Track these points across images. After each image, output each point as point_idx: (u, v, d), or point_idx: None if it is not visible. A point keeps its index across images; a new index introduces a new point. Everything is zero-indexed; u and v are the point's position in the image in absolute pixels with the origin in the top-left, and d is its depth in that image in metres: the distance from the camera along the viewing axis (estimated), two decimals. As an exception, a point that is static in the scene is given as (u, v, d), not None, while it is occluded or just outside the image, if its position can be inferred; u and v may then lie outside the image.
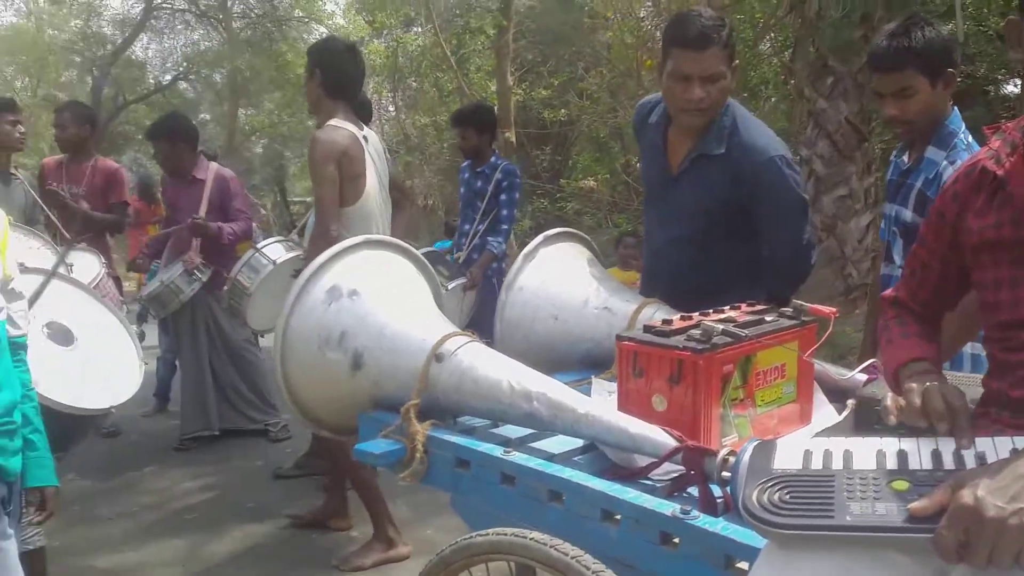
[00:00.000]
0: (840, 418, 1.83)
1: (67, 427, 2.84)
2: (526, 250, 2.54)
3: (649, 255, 2.76)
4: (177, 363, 5.11)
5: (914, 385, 1.30)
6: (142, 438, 4.99)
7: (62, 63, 19.52)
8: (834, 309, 1.98)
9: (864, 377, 1.94)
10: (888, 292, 1.65)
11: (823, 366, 2.12)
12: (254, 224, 5.20)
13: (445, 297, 3.98)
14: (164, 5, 18.55)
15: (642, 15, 10.85)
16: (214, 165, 4.78)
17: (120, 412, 3.46)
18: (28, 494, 1.92)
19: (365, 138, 3.22)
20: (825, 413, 2.03)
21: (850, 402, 1.65)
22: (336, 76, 3.16)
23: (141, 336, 5.44)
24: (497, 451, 1.73)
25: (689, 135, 2.43)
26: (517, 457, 1.69)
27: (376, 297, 2.04)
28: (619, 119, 10.74)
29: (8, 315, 1.89)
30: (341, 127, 3.13)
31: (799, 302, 2.00)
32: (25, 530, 2.48)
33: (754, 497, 1.16)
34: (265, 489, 4.11)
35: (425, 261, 2.34)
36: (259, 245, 4.04)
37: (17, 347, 1.93)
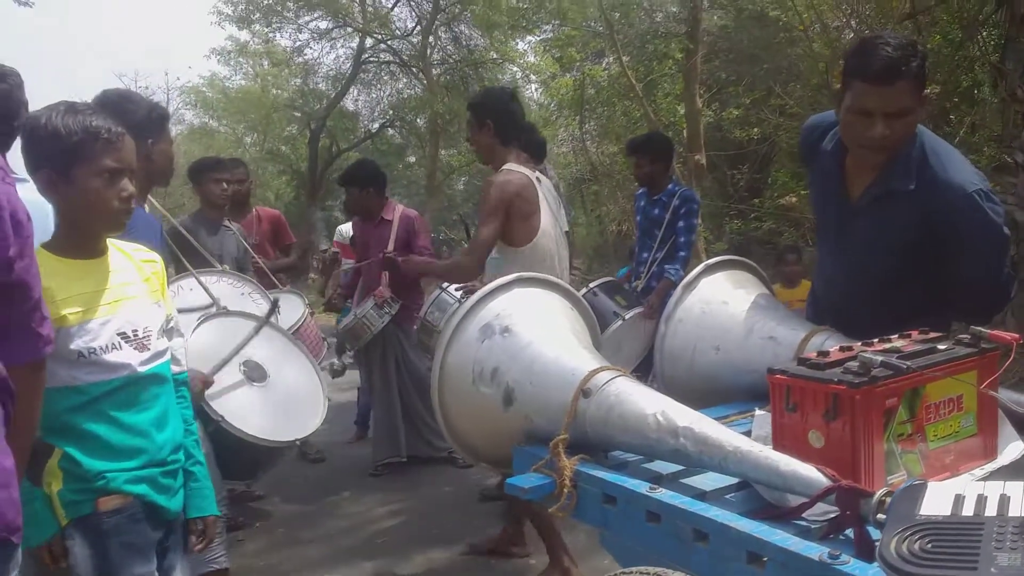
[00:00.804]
0: (1018, 455, 1.67)
1: (257, 456, 3.10)
2: (686, 280, 2.50)
3: (822, 286, 2.60)
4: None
5: None
6: (343, 464, 5.33)
7: (284, 119, 21.36)
8: (1018, 336, 1.79)
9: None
10: None
11: (1010, 396, 1.92)
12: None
13: (623, 327, 4.01)
14: (371, 59, 19.88)
15: (835, 24, 10.33)
16: (400, 206, 5.09)
17: (325, 439, 3.74)
18: (191, 524, 2.05)
19: (538, 179, 3.32)
20: (1015, 448, 1.84)
21: (1031, 438, 1.50)
22: (506, 123, 3.30)
23: (342, 368, 5.82)
24: (643, 487, 1.70)
25: (871, 166, 2.25)
26: (663, 494, 1.66)
27: (527, 334, 2.08)
28: (821, 133, 10.25)
29: (172, 353, 2.04)
30: (515, 171, 3.25)
31: (978, 328, 1.83)
32: (214, 550, 2.73)
33: (892, 546, 1.08)
34: (449, 515, 4.27)
35: (579, 297, 2.36)
36: (444, 284, 4.21)
37: (179, 384, 2.07)
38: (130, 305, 1.90)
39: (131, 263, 1.97)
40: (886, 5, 8.84)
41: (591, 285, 4.13)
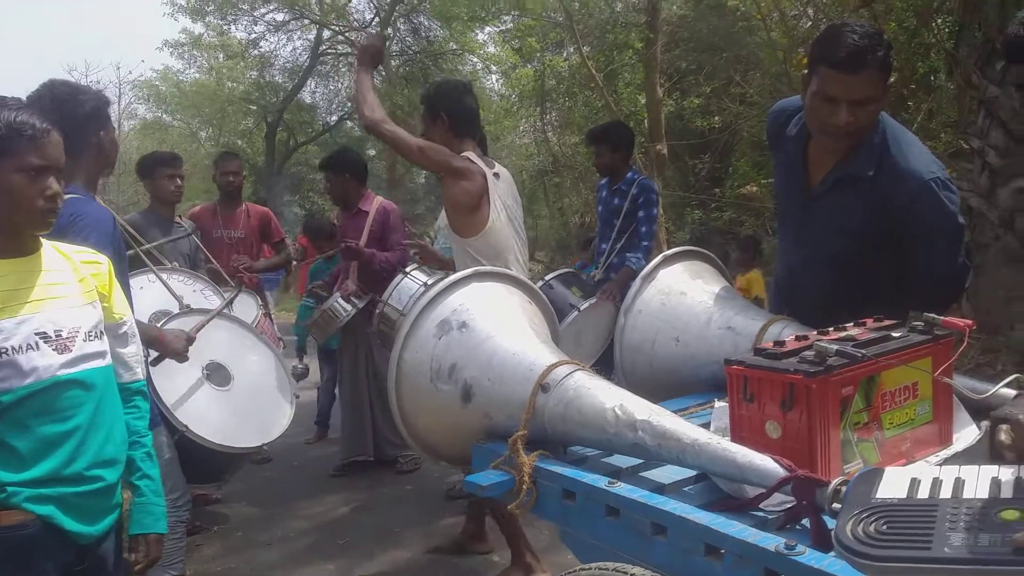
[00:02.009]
0: (973, 441, 1.68)
1: (221, 461, 3.06)
2: (644, 271, 2.51)
3: (784, 274, 2.61)
4: (336, 391, 5.37)
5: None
6: (303, 464, 5.27)
7: (240, 113, 21.06)
8: (970, 322, 1.81)
9: (1013, 393, 1.76)
10: None
11: (964, 382, 1.94)
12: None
13: (580, 317, 4.00)
14: (328, 51, 19.67)
15: (793, 13, 10.42)
16: (379, 198, 5.00)
17: (285, 440, 3.68)
18: (132, 541, 1.93)
19: (496, 175, 3.25)
20: (969, 433, 1.86)
21: (984, 423, 1.51)
22: (460, 115, 3.23)
23: (305, 370, 5.76)
24: (602, 482, 1.69)
25: (833, 152, 2.27)
26: (621, 488, 1.65)
27: (485, 329, 2.05)
28: (779, 122, 10.33)
29: (123, 360, 1.95)
30: (473, 164, 3.18)
31: (931, 315, 1.85)
32: (171, 556, 2.66)
33: (848, 528, 1.09)
34: (413, 514, 4.24)
35: (537, 290, 2.34)
36: (408, 268, 4.14)
37: (132, 393, 1.97)
38: (55, 304, 1.79)
39: (68, 263, 1.87)
40: (842, -4, 8.92)
41: (547, 278, 4.12)
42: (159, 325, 3.01)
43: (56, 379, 1.76)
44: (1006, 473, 1.13)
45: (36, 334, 1.74)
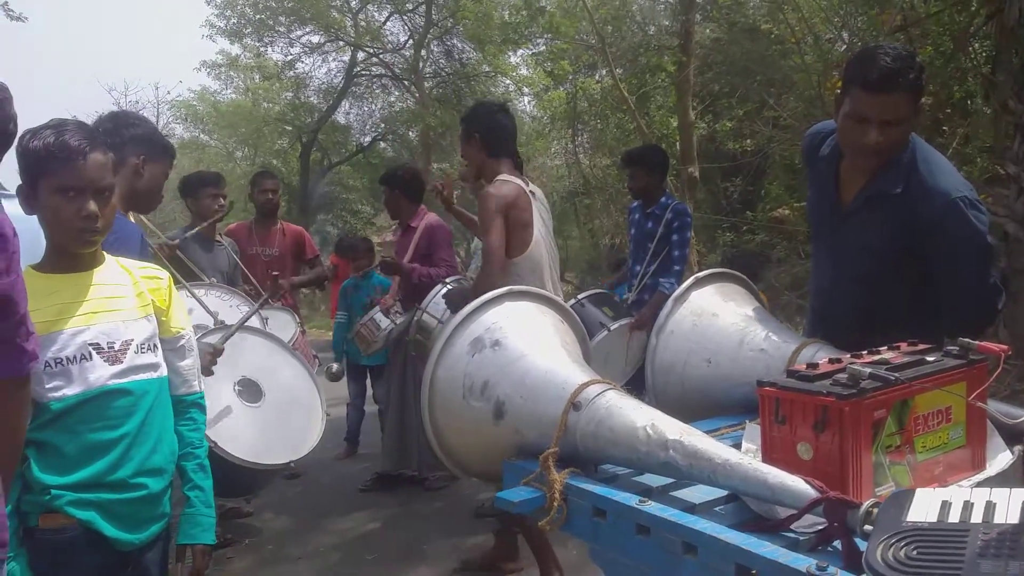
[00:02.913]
0: (1006, 466, 1.67)
1: (251, 476, 3.10)
2: (676, 293, 2.51)
3: (815, 294, 2.63)
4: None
5: None
6: (333, 480, 5.32)
7: (275, 133, 21.38)
8: (1006, 347, 1.80)
9: (1049, 420, 1.75)
10: None
11: (999, 407, 1.93)
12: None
13: (608, 337, 4.01)
14: (363, 72, 19.94)
15: (827, 37, 10.40)
16: (431, 215, 5.02)
17: (314, 455, 3.72)
18: (178, 550, 1.98)
19: (532, 192, 3.32)
20: (1003, 458, 1.84)
21: (1018, 448, 1.50)
22: (494, 136, 3.29)
23: (341, 372, 5.77)
24: (632, 500, 1.70)
25: (864, 171, 2.31)
26: (652, 507, 1.66)
27: (518, 347, 2.07)
28: (815, 144, 10.27)
29: (179, 372, 2.01)
30: (510, 181, 3.26)
31: (966, 340, 1.84)
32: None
33: (878, 553, 1.09)
34: (441, 532, 4.25)
35: (569, 309, 2.36)
36: (448, 279, 4.16)
37: (187, 405, 2.03)
38: (110, 317, 1.87)
39: (128, 277, 1.95)
40: (877, 18, 8.89)
41: (579, 297, 4.14)
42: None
43: (106, 388, 1.83)
44: (1040, 497, 1.12)
45: (89, 345, 1.82)
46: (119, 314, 1.89)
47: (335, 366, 5.77)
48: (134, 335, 1.90)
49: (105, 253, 1.94)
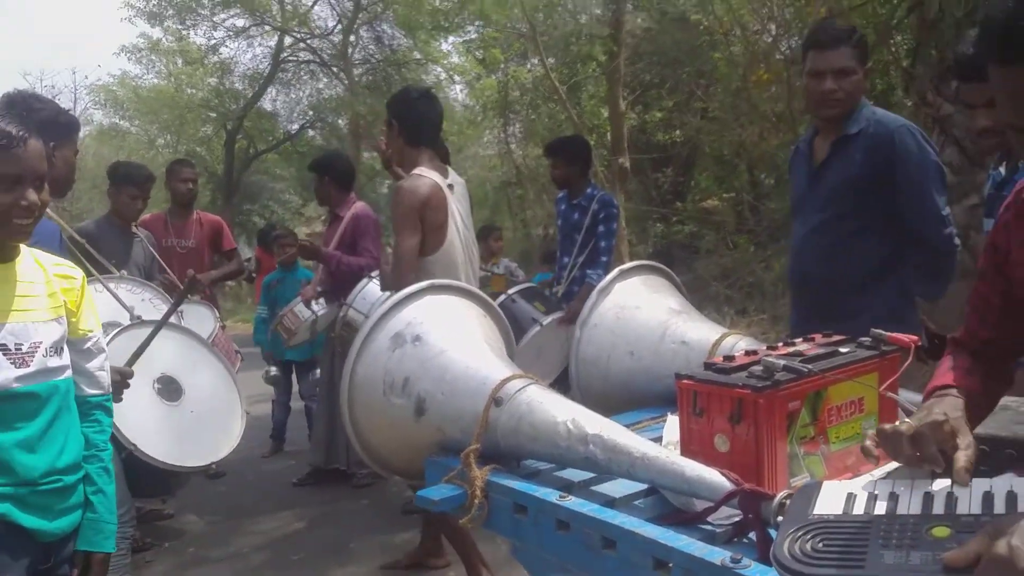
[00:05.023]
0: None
1: (168, 475, 3.00)
2: (600, 285, 2.52)
3: (792, 260, 2.92)
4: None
5: (901, 426, 1.23)
6: (258, 479, 5.21)
7: (199, 120, 20.79)
8: (915, 337, 1.85)
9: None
10: (953, 334, 1.54)
11: (909, 396, 1.98)
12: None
13: (542, 333, 4.01)
14: (290, 58, 19.54)
15: (754, 28, 10.56)
16: (360, 204, 4.86)
17: (237, 454, 3.63)
18: (74, 556, 1.91)
19: (450, 186, 3.21)
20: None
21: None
22: (413, 124, 3.18)
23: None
24: (553, 496, 1.70)
25: (831, 133, 2.68)
26: (572, 502, 1.66)
27: (438, 342, 2.05)
28: (743, 136, 10.45)
29: (86, 373, 1.94)
30: (425, 176, 3.12)
31: (878, 331, 1.88)
32: (116, 573, 2.60)
33: (784, 546, 1.10)
34: (369, 530, 4.20)
35: (493, 303, 2.34)
36: (374, 273, 4.09)
37: (93, 407, 1.96)
38: (20, 317, 1.79)
39: (42, 275, 1.87)
40: (804, 9, 9.06)
41: (510, 292, 4.12)
42: (109, 338, 2.95)
43: (10, 391, 1.75)
44: (939, 488, 1.15)
45: None
46: (30, 314, 1.81)
47: (272, 370, 5.68)
48: (43, 338, 1.82)
49: (22, 246, 1.85)
